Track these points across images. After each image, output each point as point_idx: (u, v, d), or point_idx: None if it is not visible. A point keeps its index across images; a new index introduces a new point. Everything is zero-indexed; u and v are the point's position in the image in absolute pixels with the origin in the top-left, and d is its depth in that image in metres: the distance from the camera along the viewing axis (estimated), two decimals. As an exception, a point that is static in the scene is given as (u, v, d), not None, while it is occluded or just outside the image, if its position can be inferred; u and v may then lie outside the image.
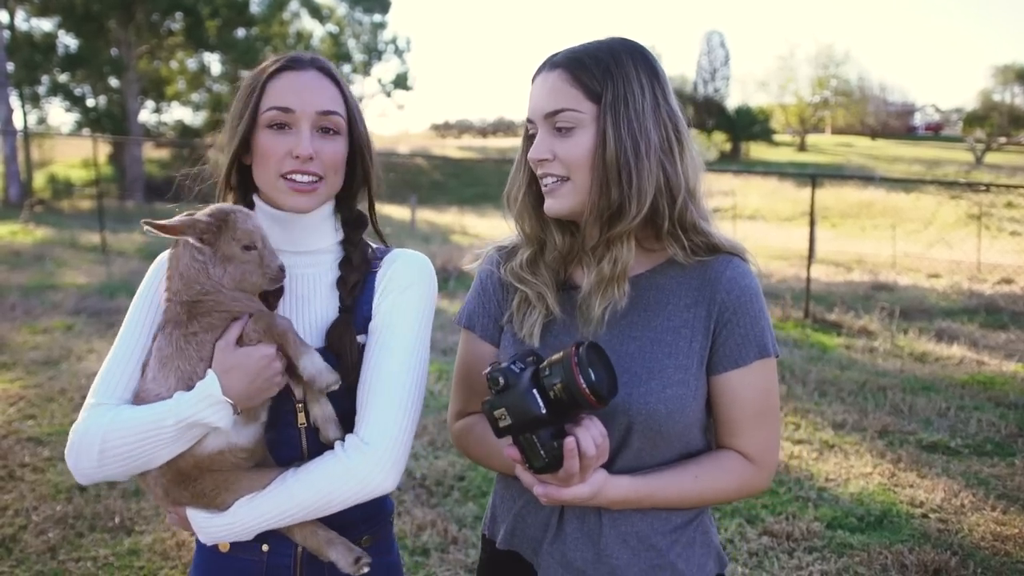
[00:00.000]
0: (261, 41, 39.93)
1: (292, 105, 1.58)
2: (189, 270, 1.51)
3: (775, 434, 1.64)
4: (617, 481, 1.51)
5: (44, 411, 6.04)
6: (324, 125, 1.60)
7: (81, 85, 37.31)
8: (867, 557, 4.07)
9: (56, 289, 11.00)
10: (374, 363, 1.58)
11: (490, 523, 1.82)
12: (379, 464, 1.51)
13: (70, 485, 4.74)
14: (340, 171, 1.66)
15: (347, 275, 1.67)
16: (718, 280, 1.58)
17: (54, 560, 3.95)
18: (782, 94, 59.67)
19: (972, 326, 9.73)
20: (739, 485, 1.62)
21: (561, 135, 1.55)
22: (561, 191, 1.58)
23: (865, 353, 8.31)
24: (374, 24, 50.07)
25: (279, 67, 1.63)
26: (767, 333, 1.60)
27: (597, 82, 1.53)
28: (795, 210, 25.59)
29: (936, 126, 72.30)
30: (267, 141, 1.60)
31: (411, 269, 1.69)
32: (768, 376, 1.61)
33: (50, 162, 38.33)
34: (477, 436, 1.73)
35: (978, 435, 5.82)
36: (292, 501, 1.49)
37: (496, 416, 1.38)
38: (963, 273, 14.38)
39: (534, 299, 1.67)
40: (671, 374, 1.56)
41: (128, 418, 1.46)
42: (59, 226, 18.78)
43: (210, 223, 1.51)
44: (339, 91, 1.64)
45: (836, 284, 12.91)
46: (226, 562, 1.65)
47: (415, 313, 1.64)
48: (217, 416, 1.45)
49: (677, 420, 1.56)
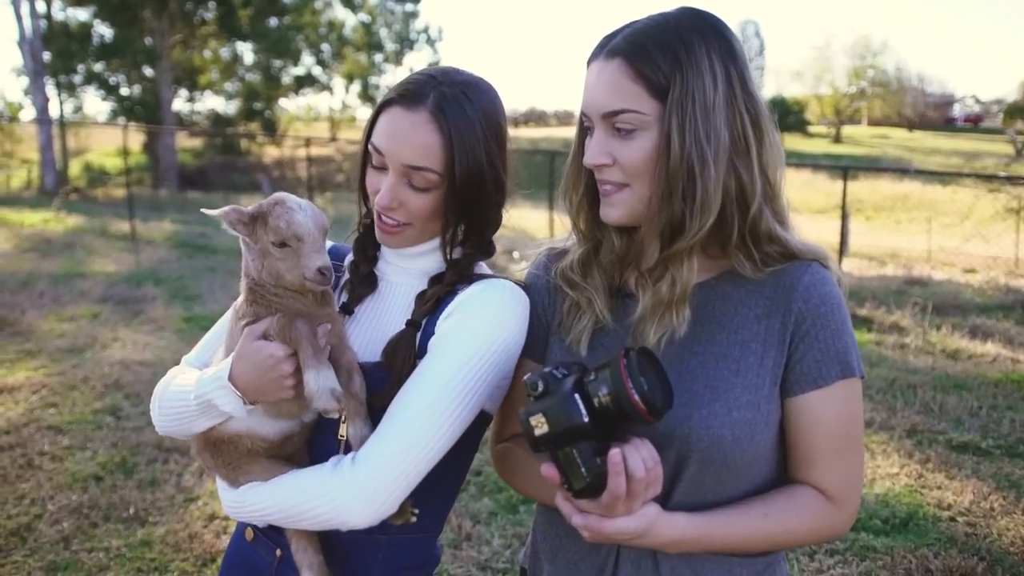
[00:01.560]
0: (293, 30, 40.26)
1: (383, 148, 1.48)
2: (244, 257, 1.52)
3: (858, 468, 1.43)
4: (671, 518, 1.32)
5: (66, 399, 6.07)
6: (411, 179, 1.48)
7: (116, 74, 37.85)
8: (890, 561, 3.96)
9: (84, 277, 11.10)
10: (406, 386, 1.44)
11: (531, 558, 1.64)
12: (356, 491, 1.36)
13: (87, 475, 4.76)
14: (433, 219, 1.54)
15: (428, 289, 1.56)
16: (794, 287, 1.38)
17: (67, 550, 3.95)
18: (818, 85, 58.92)
19: (1008, 323, 9.48)
20: (814, 526, 1.41)
21: (621, 136, 1.37)
22: (618, 198, 1.41)
23: (896, 349, 8.12)
24: (406, 13, 50.18)
25: (392, 98, 1.50)
26: (852, 350, 1.39)
27: (663, 75, 1.33)
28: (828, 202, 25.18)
29: (975, 118, 70.97)
30: (369, 172, 1.55)
31: (487, 295, 1.51)
32: (852, 400, 1.41)
33: (85, 151, 38.92)
34: (516, 461, 1.57)
35: (1011, 435, 5.66)
36: (274, 499, 1.45)
37: (532, 424, 1.21)
38: (1000, 268, 14.06)
39: (584, 304, 1.50)
40: (739, 395, 1.36)
41: (175, 384, 1.55)
42: (91, 214, 19.00)
43: (245, 214, 1.46)
44: (442, 141, 1.46)
45: (868, 278, 12.68)
46: (247, 550, 1.65)
47: (473, 342, 1.45)
48: (224, 400, 1.43)
49: (745, 449, 1.36)
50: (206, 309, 9.37)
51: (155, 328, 8.49)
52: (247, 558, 1.65)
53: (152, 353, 7.45)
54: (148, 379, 6.56)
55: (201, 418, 1.49)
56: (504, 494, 4.61)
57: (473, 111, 1.48)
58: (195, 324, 8.65)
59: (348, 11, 47.62)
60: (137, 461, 4.99)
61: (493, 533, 4.21)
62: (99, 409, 5.88)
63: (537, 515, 1.66)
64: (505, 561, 3.95)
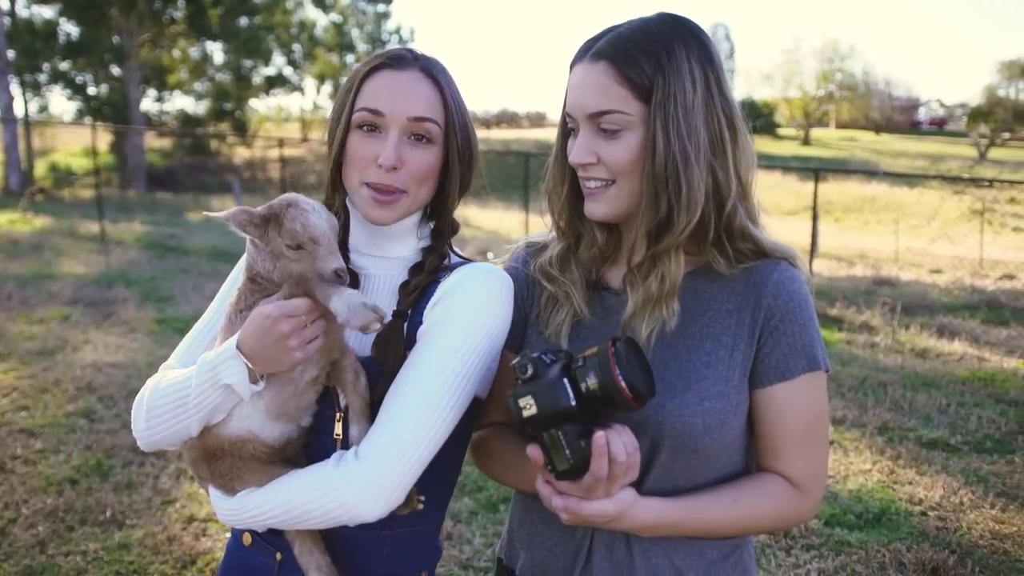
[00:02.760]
0: (264, 30, 39.93)
1: (382, 107, 1.48)
2: (249, 256, 1.49)
3: (823, 458, 1.50)
4: (647, 503, 1.38)
5: (38, 402, 5.99)
6: (415, 132, 1.49)
7: (82, 73, 37.32)
8: (865, 555, 4.03)
9: (54, 279, 10.94)
10: (401, 378, 1.44)
11: (507, 547, 1.69)
12: (362, 486, 1.36)
13: (61, 478, 4.71)
14: (427, 183, 1.54)
15: (411, 279, 1.56)
16: (764, 284, 1.45)
17: (43, 554, 3.91)
18: (787, 88, 59.42)
19: (974, 322, 9.66)
20: (781, 512, 1.48)
21: (606, 136, 1.43)
22: (605, 195, 1.46)
23: (866, 348, 8.25)
24: (378, 14, 50.00)
25: (378, 64, 1.52)
26: (817, 344, 1.46)
27: (647, 78, 1.39)
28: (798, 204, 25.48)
29: (940, 121, 71.98)
30: (355, 143, 1.52)
31: (474, 281, 1.52)
32: (817, 393, 1.47)
33: (51, 151, 38.31)
34: (493, 449, 1.61)
35: (978, 432, 5.77)
36: (276, 502, 1.43)
37: (521, 405, 1.26)
38: (965, 269, 14.33)
39: (561, 298, 1.56)
40: (709, 385, 1.43)
41: (168, 379, 1.50)
42: (58, 215, 18.73)
43: (256, 216, 1.43)
44: (439, 95, 1.51)
45: (838, 279, 12.85)
46: (245, 555, 1.63)
47: (463, 329, 1.46)
48: (230, 371, 1.38)
49: (715, 437, 1.42)
50: (179, 311, 9.28)
51: (127, 330, 8.40)
52: (245, 563, 1.62)
53: (125, 355, 7.37)
54: (121, 381, 6.50)
55: (203, 406, 1.43)
56: (484, 493, 4.63)
57: (452, 78, 1.56)
58: (168, 326, 8.57)
59: (320, 11, 47.39)
60: (112, 464, 4.94)
61: (474, 532, 4.22)
62: (72, 412, 5.82)
63: (513, 504, 1.71)
64: (487, 560, 3.96)
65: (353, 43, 48.98)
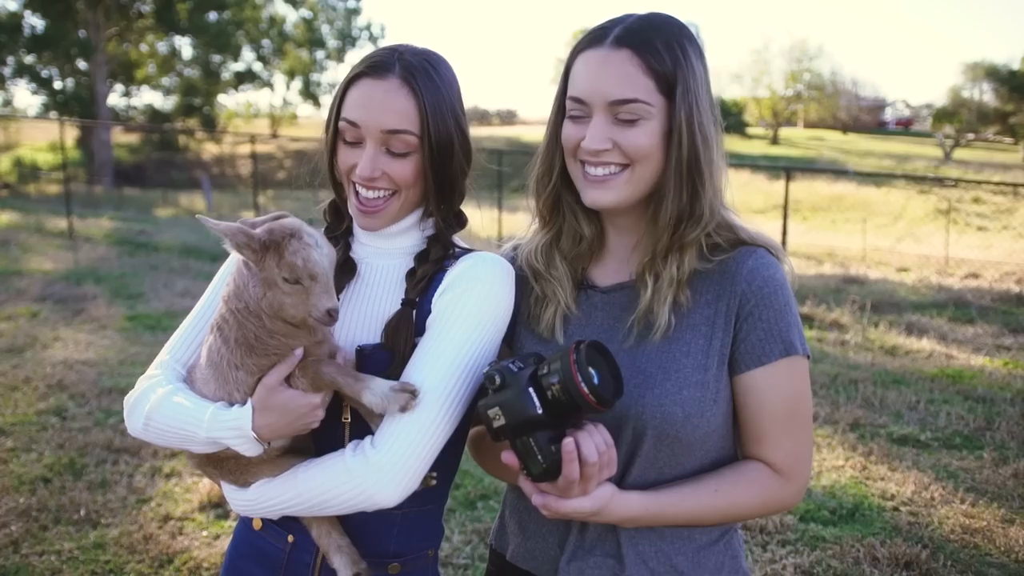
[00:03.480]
0: (233, 25, 39.53)
1: (359, 120, 1.50)
2: (237, 280, 1.45)
3: (806, 443, 1.50)
4: (626, 497, 1.40)
5: (8, 400, 5.91)
6: (391, 144, 1.50)
7: (48, 67, 36.69)
8: (839, 550, 4.09)
9: (21, 275, 10.78)
10: (412, 367, 1.47)
11: (498, 534, 1.73)
12: (381, 473, 1.40)
13: (34, 476, 4.65)
14: (415, 185, 1.55)
15: (418, 267, 1.58)
16: (739, 271, 1.47)
17: (16, 554, 3.86)
18: (756, 87, 59.91)
19: (941, 320, 9.82)
20: (764, 499, 1.49)
21: (622, 124, 1.44)
22: (615, 182, 1.47)
23: (837, 346, 8.36)
24: (348, 10, 49.66)
25: (360, 72, 1.53)
26: (794, 329, 1.47)
27: (670, 72, 1.42)
28: (768, 203, 25.69)
29: (906, 121, 73.07)
30: (341, 151, 1.55)
31: (478, 270, 1.54)
32: (796, 377, 1.47)
33: (16, 145, 37.62)
34: (487, 444, 1.65)
35: (947, 428, 5.87)
36: (294, 491, 1.47)
37: (491, 416, 1.30)
38: (932, 267, 14.52)
39: (549, 294, 1.58)
40: (688, 375, 1.44)
41: (172, 408, 1.49)
42: (25, 211, 18.45)
43: (259, 240, 1.39)
44: (416, 104, 1.50)
45: (807, 277, 12.98)
46: (256, 539, 1.66)
47: (472, 318, 1.49)
48: (244, 447, 1.45)
49: (696, 425, 1.44)
50: (149, 307, 9.18)
51: (97, 327, 8.29)
52: (256, 547, 1.66)
53: (95, 352, 7.28)
54: (92, 379, 6.42)
55: (206, 447, 1.49)
56: (462, 490, 4.64)
57: (438, 78, 1.54)
58: (139, 323, 8.48)
59: (289, 7, 47.06)
60: (86, 462, 4.88)
61: (453, 530, 4.22)
62: (43, 410, 5.74)
63: (507, 493, 1.75)
64: (465, 557, 3.97)
65: (323, 39, 48.64)
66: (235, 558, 1.70)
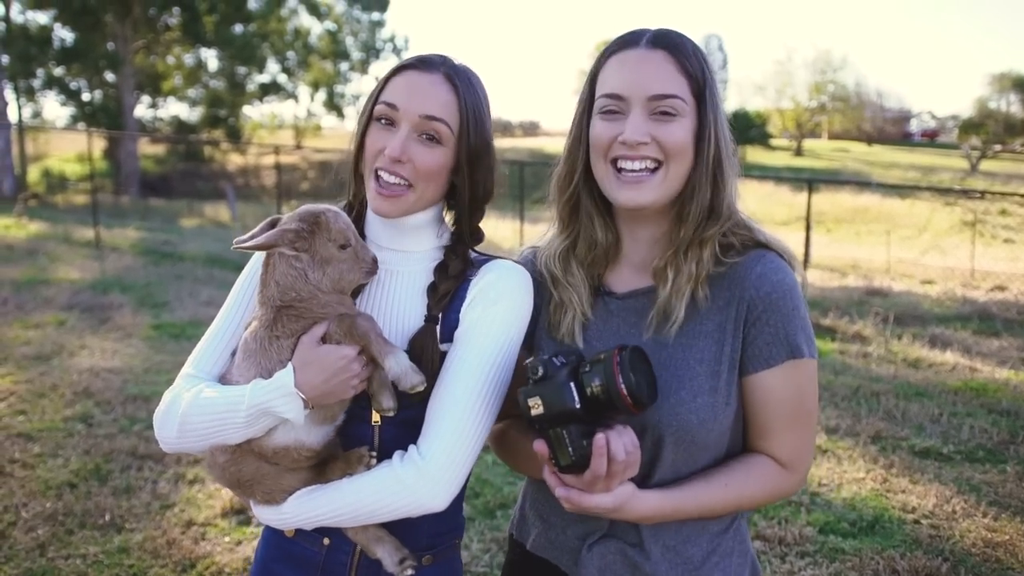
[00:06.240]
0: (258, 37, 39.94)
1: (398, 102, 1.56)
2: (286, 278, 1.52)
3: (808, 438, 1.58)
4: (644, 496, 1.47)
5: (35, 407, 6.00)
6: (425, 130, 1.56)
7: (77, 79, 37.30)
8: (859, 563, 4.07)
9: (49, 284, 10.94)
10: (449, 377, 1.54)
11: (519, 525, 1.80)
12: (432, 481, 1.48)
13: (60, 482, 4.72)
14: (435, 181, 1.60)
15: (439, 283, 1.63)
16: (747, 276, 1.52)
17: (43, 557, 3.92)
18: (779, 98, 59.68)
19: (965, 333, 9.73)
20: (769, 490, 1.58)
21: (659, 120, 1.50)
22: (650, 182, 1.52)
23: (859, 358, 8.31)
24: (372, 22, 50.05)
25: (406, 65, 1.60)
26: (800, 333, 1.52)
27: (699, 77, 1.51)
28: (791, 214, 25.59)
29: (932, 133, 72.44)
30: (371, 134, 1.60)
31: (504, 282, 1.62)
32: (800, 379, 1.53)
33: (44, 156, 38.24)
34: (511, 440, 1.72)
35: (970, 441, 5.82)
36: (341, 502, 1.52)
37: (530, 404, 1.37)
38: (957, 280, 14.38)
39: (567, 301, 1.64)
40: (702, 382, 1.51)
41: (207, 399, 1.53)
42: (53, 220, 18.71)
43: (302, 229, 1.51)
44: (456, 99, 1.57)
45: (831, 289, 12.91)
46: (289, 546, 1.69)
47: (500, 329, 1.57)
48: (287, 407, 1.47)
49: (710, 428, 1.51)
50: (174, 316, 9.29)
51: (123, 336, 8.40)
52: (289, 553, 1.69)
53: (121, 360, 7.38)
54: (118, 386, 6.51)
55: (248, 428, 1.52)
56: (481, 499, 4.66)
57: (478, 87, 1.63)
58: (164, 332, 8.58)
59: (314, 19, 47.50)
60: (111, 468, 4.96)
61: (472, 538, 4.25)
62: (69, 416, 5.83)
63: (526, 486, 1.82)
64: (484, 565, 3.99)
65: (347, 51, 49.06)
66: (267, 561, 1.73)
